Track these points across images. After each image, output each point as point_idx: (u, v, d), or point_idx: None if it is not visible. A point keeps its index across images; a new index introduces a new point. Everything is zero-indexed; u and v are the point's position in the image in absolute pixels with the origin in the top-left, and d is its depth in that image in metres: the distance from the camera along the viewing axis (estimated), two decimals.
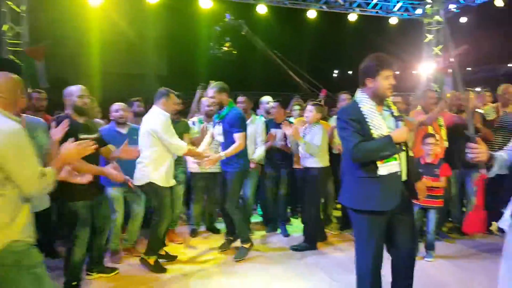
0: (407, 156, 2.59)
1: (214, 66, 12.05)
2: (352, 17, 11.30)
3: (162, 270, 3.79)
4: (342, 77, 24.93)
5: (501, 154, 2.16)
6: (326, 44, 18.72)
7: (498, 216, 2.26)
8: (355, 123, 2.48)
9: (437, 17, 12.30)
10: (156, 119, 3.71)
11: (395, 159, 2.46)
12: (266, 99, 5.39)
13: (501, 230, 2.81)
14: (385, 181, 2.44)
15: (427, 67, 12.13)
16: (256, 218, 5.54)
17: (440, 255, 4.00)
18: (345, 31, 13.30)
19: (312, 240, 4.31)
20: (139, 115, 4.78)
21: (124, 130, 4.21)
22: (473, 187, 4.07)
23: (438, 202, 3.74)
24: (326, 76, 23.61)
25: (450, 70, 13.31)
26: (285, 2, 10.86)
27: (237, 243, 4.26)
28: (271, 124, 4.95)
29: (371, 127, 2.46)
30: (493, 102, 5.11)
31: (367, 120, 2.47)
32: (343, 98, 4.89)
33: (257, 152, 4.68)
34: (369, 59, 2.55)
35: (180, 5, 11.52)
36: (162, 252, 4.01)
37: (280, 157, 4.86)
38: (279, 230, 4.95)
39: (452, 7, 11.78)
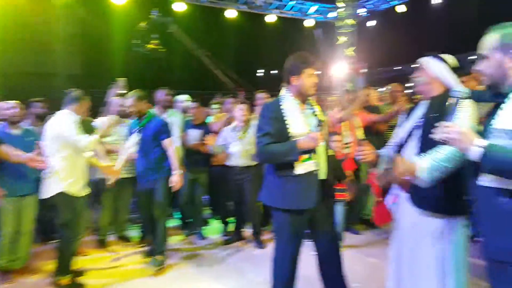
0: (328, 155, 2.63)
1: (131, 64, 11.54)
2: (271, 18, 11.60)
3: (81, 287, 3.51)
4: (266, 76, 25.35)
5: (386, 151, 2.38)
6: (249, 44, 18.96)
7: None
8: (272, 121, 2.52)
9: (348, 20, 13.16)
10: (63, 121, 3.41)
11: (311, 158, 2.51)
12: (182, 97, 5.26)
13: None
14: (302, 180, 2.49)
15: (340, 68, 12.87)
16: (173, 222, 5.41)
17: (349, 245, 4.26)
18: (266, 32, 13.61)
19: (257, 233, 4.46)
20: (40, 117, 4.38)
21: (17, 132, 3.80)
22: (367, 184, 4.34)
23: (343, 195, 3.95)
24: (250, 76, 23.95)
25: (362, 71, 14.41)
26: (202, 0, 10.76)
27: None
28: (188, 125, 4.84)
29: (289, 125, 2.50)
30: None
31: (285, 118, 2.51)
32: (260, 97, 4.97)
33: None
34: (294, 58, 2.60)
35: (92, 1, 10.88)
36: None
37: (198, 158, 4.75)
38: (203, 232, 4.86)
39: (361, 11, 12.69)
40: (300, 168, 2.47)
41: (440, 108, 1.99)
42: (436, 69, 2.11)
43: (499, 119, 1.57)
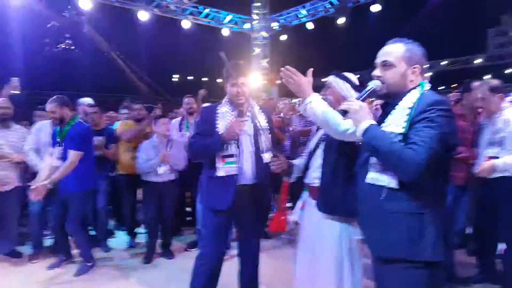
0: (258, 159, 2.64)
1: (33, 66, 10.56)
2: (186, 24, 11.53)
3: None
4: (182, 81, 25.06)
5: (298, 161, 2.52)
6: (164, 48, 18.60)
7: None
8: (205, 123, 2.65)
9: (263, 33, 13.69)
10: None
11: (235, 162, 2.55)
12: (86, 100, 4.92)
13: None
14: (222, 182, 2.56)
15: (256, 78, 13.29)
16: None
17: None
18: (182, 38, 13.51)
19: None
20: None
21: None
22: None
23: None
24: (166, 80, 23.46)
25: (278, 81, 15.05)
26: (113, 0, 10.31)
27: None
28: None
29: (218, 127, 2.57)
30: None
31: (217, 121, 2.59)
32: (186, 102, 4.94)
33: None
34: (226, 67, 2.67)
35: None
36: None
37: (98, 166, 4.27)
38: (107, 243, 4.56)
39: (274, 25, 13.30)
40: (221, 171, 2.55)
41: None
42: (342, 88, 2.32)
43: (388, 123, 1.67)
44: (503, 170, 2.82)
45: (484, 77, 21.83)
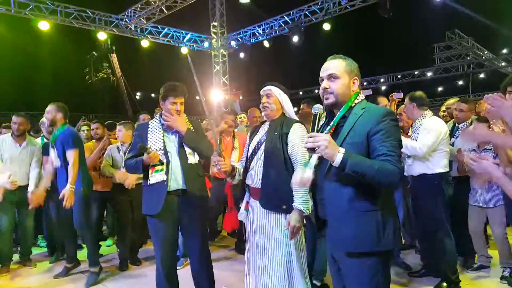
0: (186, 165, 2.84)
1: None
2: (145, 43, 11.75)
3: None
4: (145, 99, 25.00)
5: (240, 164, 2.75)
6: (126, 66, 18.62)
7: None
8: (137, 138, 2.89)
9: (222, 51, 14.09)
10: None
11: (162, 170, 2.77)
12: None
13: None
14: (153, 189, 2.78)
15: (217, 94, 13.58)
16: (38, 249, 5.04)
17: (218, 258, 4.52)
18: (143, 56, 13.67)
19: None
20: None
21: None
22: (225, 193, 4.77)
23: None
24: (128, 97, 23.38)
25: (241, 97, 15.41)
26: (72, 21, 10.40)
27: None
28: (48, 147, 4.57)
29: (149, 141, 2.81)
30: None
31: (148, 135, 2.84)
32: (142, 118, 5.18)
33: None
34: (163, 86, 2.89)
35: None
36: None
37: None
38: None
39: (233, 44, 13.73)
40: (152, 179, 2.78)
41: (279, 128, 2.51)
42: (282, 97, 2.61)
43: (348, 134, 1.81)
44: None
45: (439, 89, 23.33)
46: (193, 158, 2.90)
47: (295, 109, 3.05)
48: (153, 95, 23.99)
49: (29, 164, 4.37)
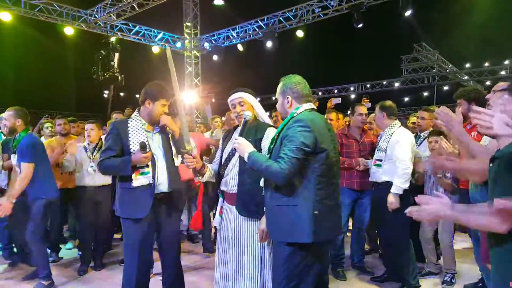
0: (171, 168, 2.80)
1: None
2: (114, 40, 11.44)
3: None
4: (114, 98, 24.40)
5: (213, 166, 2.72)
6: (93, 64, 18.12)
7: None
8: (115, 137, 2.73)
9: (195, 52, 13.93)
10: None
11: (148, 172, 2.69)
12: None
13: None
14: (136, 192, 2.67)
15: (189, 96, 13.37)
16: None
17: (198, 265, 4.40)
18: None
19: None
20: None
21: None
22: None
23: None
24: (97, 96, 22.72)
25: (213, 100, 15.25)
26: (37, 14, 9.97)
27: None
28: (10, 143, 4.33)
29: (130, 141, 2.70)
30: None
31: (129, 135, 2.72)
32: (115, 117, 5.14)
33: None
34: (154, 85, 2.81)
35: None
36: None
37: None
38: None
39: (206, 45, 13.62)
40: (136, 182, 2.67)
41: (254, 131, 2.50)
42: (254, 103, 2.62)
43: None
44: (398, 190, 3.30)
45: (405, 99, 24.19)
46: (177, 161, 2.85)
47: (268, 113, 3.05)
48: (122, 94, 23.41)
49: None
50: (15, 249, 4.48)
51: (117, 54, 9.93)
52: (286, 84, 2.30)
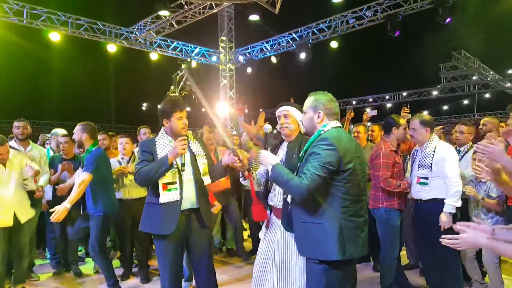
0: (198, 184, 2.81)
1: None
2: (154, 56, 11.90)
3: None
4: (151, 110, 25.29)
5: (260, 174, 2.77)
6: (133, 78, 18.84)
7: None
8: (147, 153, 2.78)
9: (229, 65, 14.21)
10: None
11: (176, 189, 2.71)
12: (60, 131, 4.91)
13: None
14: (164, 208, 2.70)
15: (224, 107, 13.59)
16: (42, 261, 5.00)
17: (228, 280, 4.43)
18: (150, 68, 13.82)
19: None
20: None
21: None
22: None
23: None
24: (135, 109, 23.60)
25: (246, 111, 15.42)
26: (83, 33, 10.58)
27: None
28: (57, 160, 4.55)
29: (159, 158, 2.73)
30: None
31: (157, 152, 2.76)
32: (143, 132, 5.11)
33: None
34: (164, 103, 2.83)
35: None
36: None
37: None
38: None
39: (241, 58, 13.85)
40: (164, 197, 2.70)
41: (297, 149, 2.48)
42: (299, 117, 2.58)
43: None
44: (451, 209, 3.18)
45: (445, 107, 23.33)
46: (207, 179, 2.86)
47: None
48: (159, 106, 24.18)
49: None
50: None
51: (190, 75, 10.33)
52: (318, 100, 2.31)
